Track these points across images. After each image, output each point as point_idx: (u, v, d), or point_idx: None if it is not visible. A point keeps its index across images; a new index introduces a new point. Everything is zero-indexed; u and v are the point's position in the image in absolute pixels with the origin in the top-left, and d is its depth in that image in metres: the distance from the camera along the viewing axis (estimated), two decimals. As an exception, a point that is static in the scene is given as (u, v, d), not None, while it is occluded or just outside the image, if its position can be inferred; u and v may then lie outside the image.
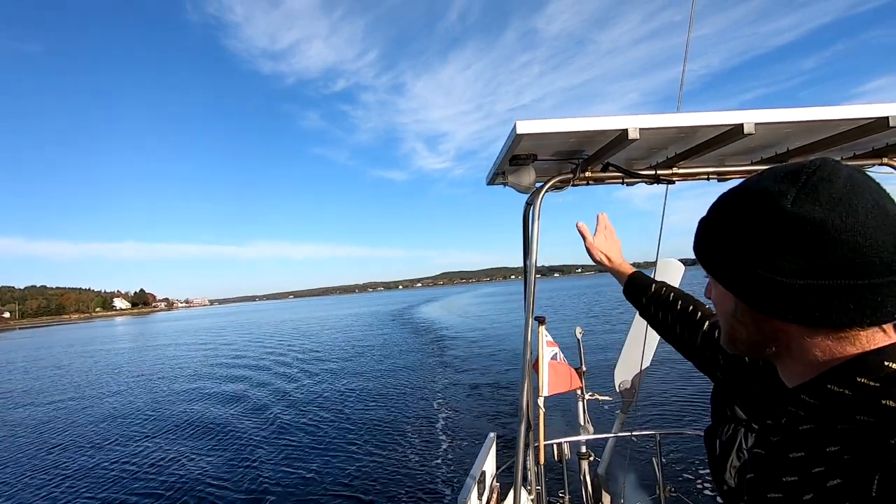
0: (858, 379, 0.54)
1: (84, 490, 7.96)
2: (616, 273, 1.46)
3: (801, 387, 0.60)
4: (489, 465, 2.71)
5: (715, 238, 0.65)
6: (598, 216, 1.56)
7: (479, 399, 11.41)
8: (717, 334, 1.11)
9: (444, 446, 8.33)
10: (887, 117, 1.33)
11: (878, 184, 0.57)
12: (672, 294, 1.24)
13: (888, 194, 0.57)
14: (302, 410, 11.95)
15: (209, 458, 8.86)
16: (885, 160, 1.77)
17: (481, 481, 2.54)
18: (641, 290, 1.32)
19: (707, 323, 1.14)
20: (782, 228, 0.55)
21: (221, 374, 18.89)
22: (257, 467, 8.22)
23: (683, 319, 1.18)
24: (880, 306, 0.54)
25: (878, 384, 0.52)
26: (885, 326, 0.57)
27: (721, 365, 1.06)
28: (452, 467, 7.38)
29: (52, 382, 20.87)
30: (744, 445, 1.99)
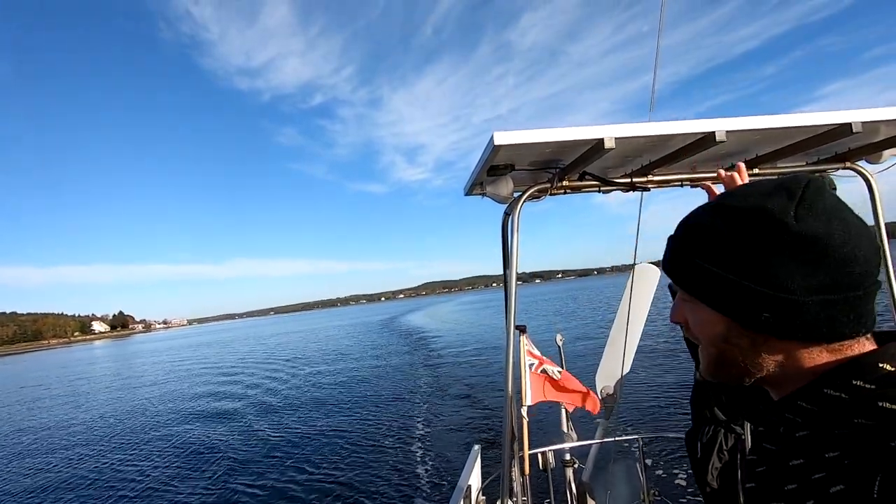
0: (854, 382, 0.53)
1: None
2: None
3: (797, 393, 0.59)
4: (474, 479, 2.68)
5: (702, 259, 0.61)
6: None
7: (463, 410, 11.33)
8: None
9: (428, 460, 8.23)
10: (850, 123, 1.38)
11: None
12: None
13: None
14: (282, 425, 11.77)
15: (191, 478, 8.58)
16: (848, 164, 1.83)
17: (467, 495, 2.51)
18: None
19: None
20: (787, 245, 0.55)
21: (202, 392, 18.44)
22: (238, 483, 8.00)
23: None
24: (871, 313, 0.56)
25: (873, 386, 0.52)
26: (868, 335, 0.58)
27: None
28: (438, 482, 7.29)
29: (44, 408, 20.03)
30: (724, 447, 2.01)
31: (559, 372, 2.98)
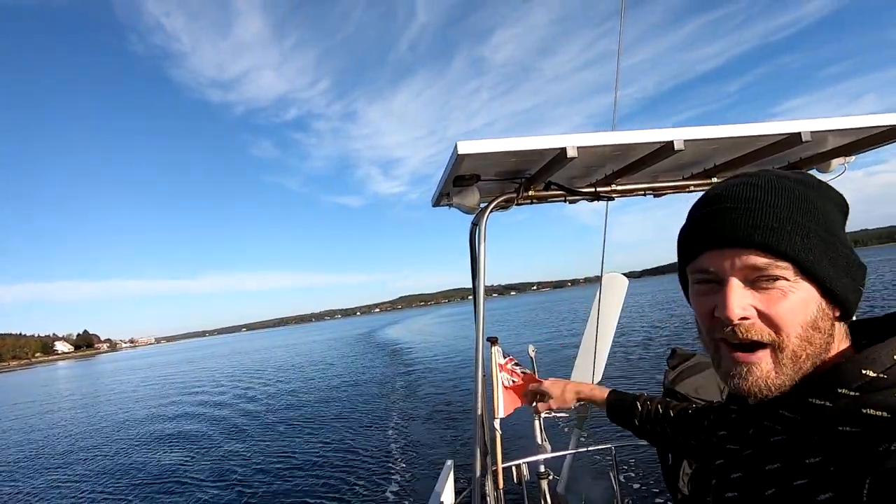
0: (840, 390, 0.53)
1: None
2: (591, 400, 1.35)
3: (777, 402, 0.58)
4: (447, 496, 2.63)
5: (820, 230, 0.55)
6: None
7: (438, 424, 11.21)
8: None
9: (401, 477, 8.08)
10: (800, 133, 1.44)
11: None
12: (658, 406, 1.13)
13: None
14: (249, 444, 11.39)
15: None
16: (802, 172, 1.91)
17: (440, 512, 2.46)
18: (630, 413, 1.18)
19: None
20: (846, 219, 0.59)
21: (165, 414, 17.72)
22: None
23: (676, 422, 1.06)
24: None
25: (857, 393, 0.52)
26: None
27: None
28: (410, 499, 7.15)
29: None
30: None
31: (523, 372, 2.96)
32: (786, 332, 0.54)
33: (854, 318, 0.61)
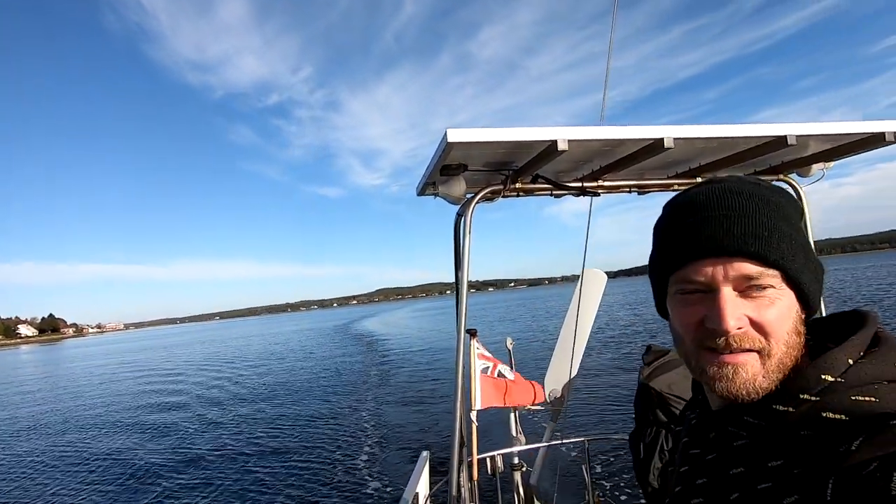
0: (801, 396, 0.54)
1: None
2: None
3: (742, 408, 0.58)
4: (422, 486, 2.63)
5: (798, 236, 0.57)
6: None
7: (414, 416, 11.22)
8: None
9: (377, 468, 8.07)
10: (785, 136, 1.47)
11: None
12: None
13: None
14: (220, 433, 11.21)
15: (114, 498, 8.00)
16: (781, 176, 1.94)
17: (415, 503, 2.45)
18: None
19: None
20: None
21: (133, 403, 17.30)
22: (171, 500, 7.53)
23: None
24: None
25: (817, 398, 0.53)
26: None
27: None
28: (386, 490, 7.15)
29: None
30: (665, 447, 2.07)
31: (512, 373, 2.98)
32: (774, 339, 0.55)
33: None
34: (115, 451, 10.94)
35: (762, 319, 0.55)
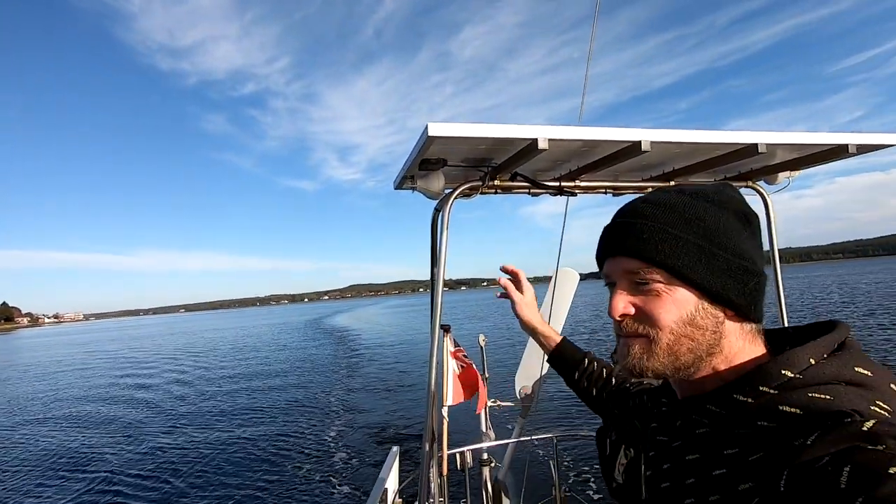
0: (761, 388, 0.58)
1: None
2: (541, 337, 1.33)
3: (704, 397, 0.64)
4: (391, 482, 2.62)
5: (690, 236, 0.64)
6: (507, 276, 1.40)
7: (384, 412, 11.20)
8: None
9: (346, 464, 8.02)
10: (756, 144, 1.53)
11: None
12: (603, 369, 1.18)
13: None
14: (183, 430, 10.93)
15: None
16: (750, 183, 2.02)
17: (383, 498, 2.45)
18: (574, 364, 1.23)
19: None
20: (752, 226, 0.66)
21: (88, 396, 16.70)
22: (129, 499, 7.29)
23: (614, 392, 1.13)
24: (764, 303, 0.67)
25: (776, 391, 0.57)
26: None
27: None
28: (355, 486, 7.11)
29: None
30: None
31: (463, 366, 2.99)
32: (658, 327, 0.64)
33: (789, 326, 0.70)
34: (69, 446, 10.54)
35: (646, 309, 0.65)
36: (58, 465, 9.25)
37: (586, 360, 1.22)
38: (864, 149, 1.69)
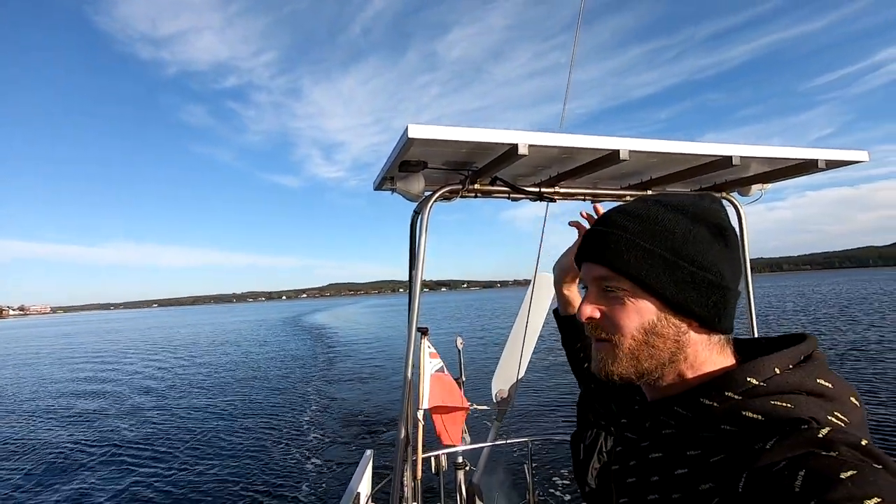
0: (726, 393, 0.61)
1: None
2: (565, 292, 1.26)
3: (673, 399, 0.66)
4: (364, 486, 2.60)
5: (653, 246, 0.66)
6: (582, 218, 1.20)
7: (359, 414, 11.08)
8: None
9: (319, 467, 7.91)
10: (731, 156, 1.56)
11: None
12: None
13: None
14: (150, 430, 10.60)
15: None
16: (724, 194, 2.06)
17: (356, 502, 2.42)
18: (580, 332, 1.21)
19: None
20: (724, 241, 0.66)
21: (53, 392, 16.12)
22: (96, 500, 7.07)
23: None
24: (734, 314, 0.68)
25: (740, 397, 0.59)
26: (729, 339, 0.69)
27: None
28: (328, 489, 7.02)
29: None
30: (604, 448, 2.14)
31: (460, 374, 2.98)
32: (620, 333, 0.67)
33: (761, 337, 0.72)
34: (36, 439, 10.18)
35: (610, 315, 0.68)
36: (23, 461, 8.92)
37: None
38: (832, 164, 1.75)
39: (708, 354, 0.66)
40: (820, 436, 0.50)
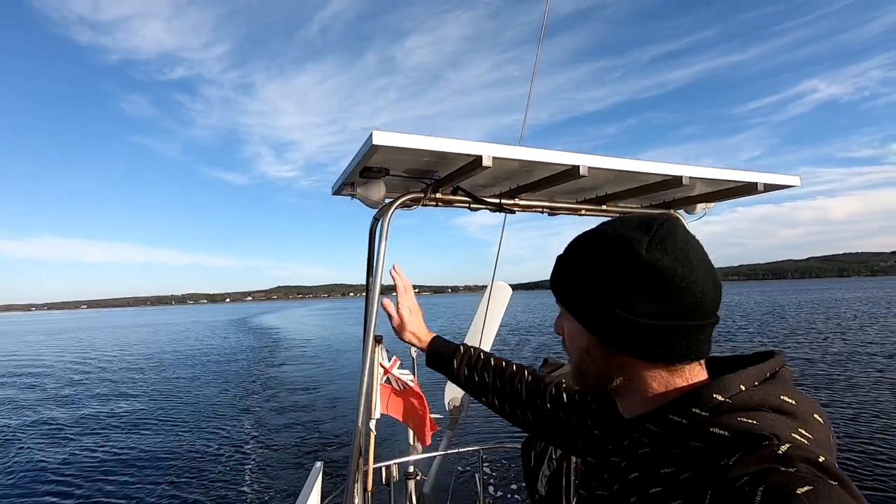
0: (693, 410, 0.62)
1: None
2: (419, 345, 1.45)
3: (645, 416, 0.68)
4: (314, 499, 2.51)
5: (573, 276, 0.72)
6: (392, 275, 1.49)
7: (307, 424, 10.75)
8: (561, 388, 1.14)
9: (264, 482, 7.57)
10: (681, 176, 1.65)
11: (696, 238, 0.68)
12: (490, 356, 1.30)
13: (701, 245, 0.69)
14: (73, 447, 9.77)
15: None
16: (671, 211, 2.17)
17: (305, 517, 2.33)
18: (448, 357, 1.36)
19: (545, 383, 1.17)
20: (637, 272, 0.64)
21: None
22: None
23: (510, 379, 1.25)
24: (703, 343, 0.67)
25: (707, 414, 0.61)
26: (701, 361, 0.69)
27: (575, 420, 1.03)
28: (273, 502, 6.74)
29: None
30: (553, 456, 2.18)
31: (412, 380, 2.95)
32: (570, 351, 0.76)
33: (735, 355, 0.73)
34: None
35: (564, 334, 0.77)
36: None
37: (461, 347, 1.39)
38: (769, 187, 1.88)
39: (659, 373, 0.67)
40: (780, 452, 0.52)
